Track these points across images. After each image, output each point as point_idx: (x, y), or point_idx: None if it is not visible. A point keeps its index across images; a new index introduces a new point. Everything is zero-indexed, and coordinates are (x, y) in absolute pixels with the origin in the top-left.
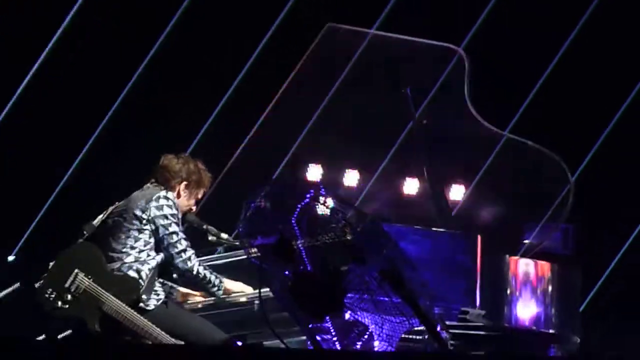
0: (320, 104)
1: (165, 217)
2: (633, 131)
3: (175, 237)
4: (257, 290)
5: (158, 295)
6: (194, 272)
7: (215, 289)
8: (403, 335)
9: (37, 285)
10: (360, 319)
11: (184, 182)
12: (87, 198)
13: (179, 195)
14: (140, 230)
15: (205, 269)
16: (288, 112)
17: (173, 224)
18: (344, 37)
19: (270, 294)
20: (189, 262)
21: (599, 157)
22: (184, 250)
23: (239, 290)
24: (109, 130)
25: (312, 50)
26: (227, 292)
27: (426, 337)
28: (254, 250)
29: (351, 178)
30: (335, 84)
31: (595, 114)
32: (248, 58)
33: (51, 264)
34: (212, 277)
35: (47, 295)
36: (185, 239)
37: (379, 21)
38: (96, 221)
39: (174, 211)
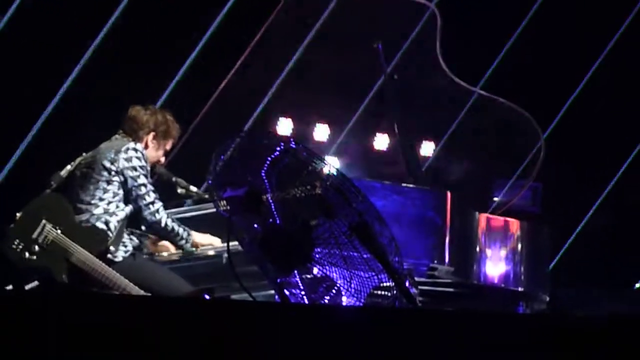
0: (291, 57)
1: (134, 168)
2: (604, 89)
3: (143, 189)
4: (225, 243)
5: (126, 247)
6: (162, 225)
7: (184, 241)
8: (371, 291)
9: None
10: (328, 273)
11: (152, 133)
12: (55, 149)
13: (146, 146)
14: (108, 182)
15: (173, 221)
16: (259, 66)
17: (142, 176)
18: None
19: (239, 247)
20: (157, 215)
21: (569, 114)
22: (152, 203)
23: (208, 242)
24: (76, 82)
25: (283, 3)
26: (196, 244)
27: (395, 292)
28: (223, 202)
29: (321, 132)
30: (307, 38)
31: (567, 72)
32: (220, 10)
33: (18, 214)
34: (180, 230)
35: (14, 246)
36: (154, 191)
37: None
38: (64, 172)
39: (143, 163)
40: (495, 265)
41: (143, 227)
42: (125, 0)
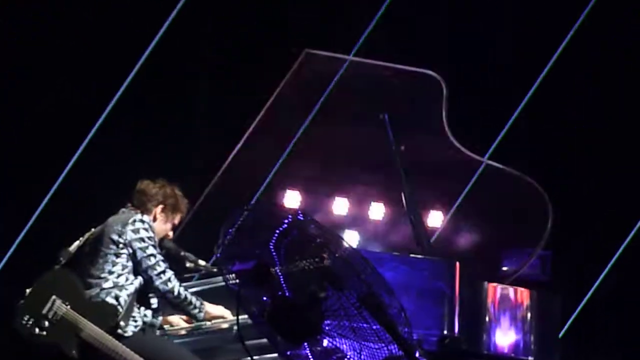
0: (297, 130)
1: (142, 239)
2: (614, 157)
3: (153, 260)
4: (236, 316)
5: (136, 321)
6: (175, 293)
7: (197, 310)
8: None
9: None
10: (338, 345)
11: (160, 206)
12: (64, 224)
13: (155, 219)
14: (117, 255)
15: (185, 290)
16: (265, 139)
17: (150, 247)
18: (321, 63)
19: (249, 320)
20: (169, 283)
21: (577, 183)
22: (164, 272)
23: (220, 314)
24: (84, 158)
25: (290, 76)
26: (208, 315)
27: None
28: (232, 276)
29: (341, 205)
30: (313, 111)
31: (575, 140)
32: (225, 84)
33: (28, 290)
34: (193, 299)
35: (24, 322)
36: (163, 260)
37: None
38: (72, 247)
39: (151, 234)
40: (505, 335)
41: (154, 300)
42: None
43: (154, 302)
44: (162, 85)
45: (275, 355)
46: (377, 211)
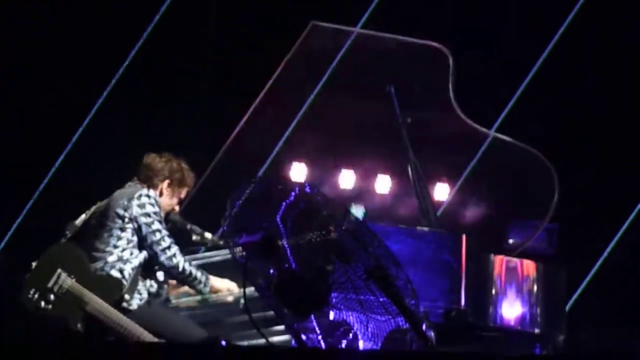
0: (304, 102)
1: (147, 215)
2: (622, 131)
3: (158, 235)
4: (242, 289)
5: (141, 294)
6: (180, 269)
7: (202, 285)
8: (388, 334)
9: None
10: (345, 317)
11: (167, 180)
12: (70, 197)
13: (161, 194)
14: (122, 229)
15: (190, 265)
16: (272, 111)
17: (156, 222)
18: (328, 35)
19: (255, 293)
20: (174, 259)
21: (583, 154)
22: (169, 247)
23: (226, 287)
24: (92, 129)
25: (296, 48)
26: (214, 289)
27: (411, 335)
28: (239, 248)
29: (347, 178)
30: (319, 83)
31: (583, 112)
32: (232, 56)
33: (34, 264)
34: (198, 274)
35: (29, 296)
36: (169, 235)
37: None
38: (78, 221)
39: (156, 209)
40: (511, 307)
41: (159, 274)
42: (135, 49)
43: (160, 274)
44: (169, 58)
45: (282, 327)
46: (383, 184)
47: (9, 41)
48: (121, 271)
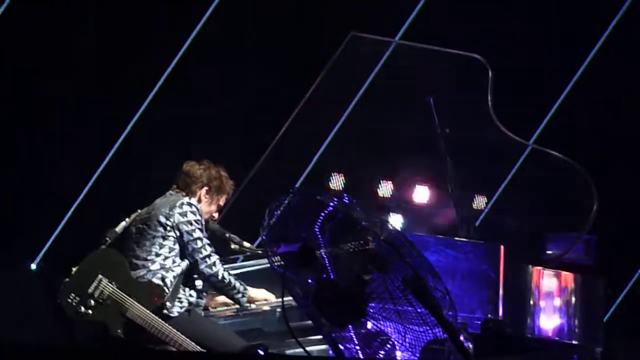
0: (343, 112)
1: (189, 223)
2: None
3: (199, 243)
4: (280, 299)
5: (182, 302)
6: (219, 277)
7: (240, 295)
8: (426, 345)
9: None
10: (383, 328)
11: (205, 188)
12: (110, 206)
13: (200, 201)
14: (164, 237)
15: (229, 274)
16: (312, 121)
17: (197, 230)
18: (367, 46)
19: (293, 303)
20: (213, 267)
21: (623, 165)
22: (209, 256)
23: (263, 297)
24: (132, 138)
25: (336, 59)
26: (251, 299)
27: (449, 346)
28: (277, 258)
29: (386, 189)
30: (359, 93)
31: (619, 125)
32: (273, 66)
33: (74, 269)
34: (237, 284)
35: (69, 300)
36: (209, 244)
37: (403, 30)
38: (119, 228)
39: (198, 217)
40: (549, 319)
41: (198, 282)
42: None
43: (199, 283)
44: (210, 67)
45: (320, 337)
46: (421, 194)
47: (55, 47)
48: (163, 279)
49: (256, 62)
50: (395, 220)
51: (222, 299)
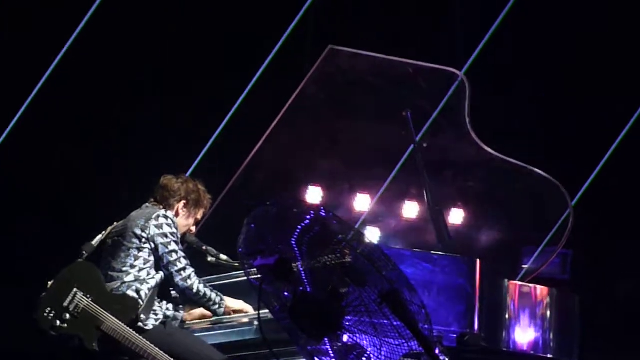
0: (321, 126)
1: (165, 235)
2: (633, 153)
3: (174, 256)
4: (256, 311)
5: (157, 315)
6: (194, 290)
7: (216, 306)
8: (401, 358)
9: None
10: (359, 341)
11: (183, 201)
12: (87, 219)
13: (177, 214)
14: (139, 249)
15: (205, 286)
16: (288, 135)
17: (172, 243)
18: (345, 59)
19: (270, 315)
20: (188, 280)
21: (599, 181)
22: (184, 269)
23: (240, 308)
24: (107, 151)
25: (314, 72)
26: (228, 310)
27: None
28: (254, 271)
29: (362, 202)
30: (336, 106)
31: (596, 139)
32: (249, 80)
33: (49, 283)
34: (213, 295)
35: (45, 314)
36: (184, 257)
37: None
38: (95, 241)
39: (174, 230)
40: (524, 332)
41: (174, 293)
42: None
43: (175, 295)
44: (186, 79)
45: (296, 350)
46: (398, 208)
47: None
48: (138, 291)
49: (234, 77)
50: (372, 234)
51: (199, 311)
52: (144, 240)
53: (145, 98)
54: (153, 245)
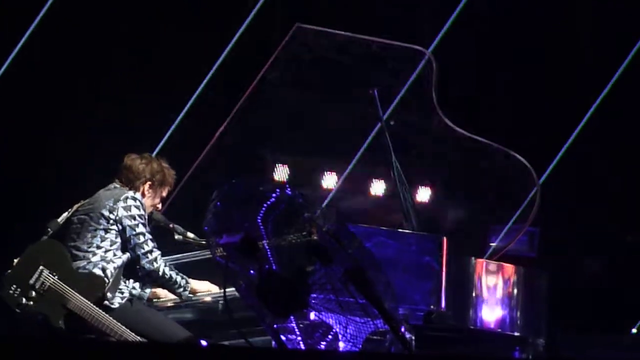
0: (288, 104)
1: (133, 217)
2: (599, 133)
3: (142, 238)
4: (222, 290)
5: (123, 293)
6: (160, 273)
7: (181, 289)
8: (367, 336)
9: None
10: (325, 319)
11: (148, 182)
12: (52, 195)
13: (143, 195)
14: (107, 230)
15: (171, 269)
16: (256, 113)
17: (140, 225)
18: (312, 37)
19: (236, 293)
20: (154, 263)
21: (565, 158)
22: (151, 251)
23: (205, 289)
24: (74, 128)
25: (280, 50)
26: (194, 292)
27: (390, 338)
28: (220, 249)
29: (330, 180)
30: (303, 84)
31: (562, 115)
32: (217, 58)
33: (15, 260)
34: (178, 278)
35: (11, 292)
36: (152, 240)
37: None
38: (61, 219)
39: (142, 212)
40: (491, 310)
41: (140, 274)
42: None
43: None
44: (152, 56)
45: (262, 328)
46: (366, 186)
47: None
48: (103, 270)
49: (203, 54)
50: (339, 212)
51: (165, 290)
52: (111, 221)
53: (112, 73)
54: (120, 227)
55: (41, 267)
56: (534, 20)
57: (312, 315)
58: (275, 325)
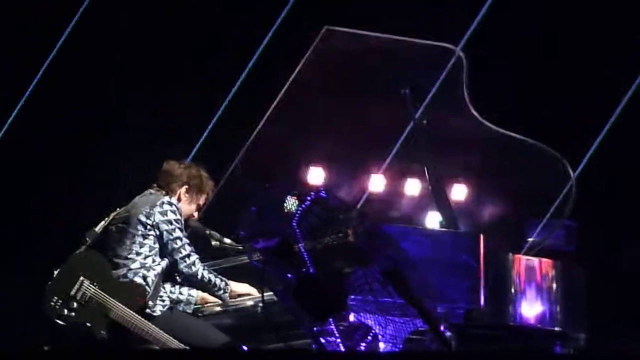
0: (320, 107)
1: (170, 222)
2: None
3: (179, 242)
4: (261, 294)
5: (164, 301)
6: (199, 277)
7: (221, 292)
8: (407, 336)
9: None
10: (363, 320)
11: (185, 186)
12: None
13: (179, 199)
14: (144, 236)
15: (209, 272)
16: (288, 117)
17: (177, 229)
18: (341, 39)
19: (274, 297)
20: (193, 267)
21: (602, 152)
22: (188, 255)
23: (245, 292)
24: (109, 137)
25: (310, 53)
26: (234, 294)
27: (430, 337)
28: (257, 254)
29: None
30: (335, 87)
31: (599, 110)
32: (247, 63)
33: (56, 272)
34: (217, 280)
35: (52, 304)
36: (189, 244)
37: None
38: (98, 228)
39: (178, 216)
40: (530, 306)
41: (179, 279)
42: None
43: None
44: (187, 64)
45: (301, 331)
46: (400, 185)
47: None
48: (144, 278)
49: (232, 60)
50: (374, 213)
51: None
52: (148, 227)
53: (144, 83)
54: (158, 232)
55: (82, 278)
56: (566, 11)
57: (351, 317)
58: (314, 328)
